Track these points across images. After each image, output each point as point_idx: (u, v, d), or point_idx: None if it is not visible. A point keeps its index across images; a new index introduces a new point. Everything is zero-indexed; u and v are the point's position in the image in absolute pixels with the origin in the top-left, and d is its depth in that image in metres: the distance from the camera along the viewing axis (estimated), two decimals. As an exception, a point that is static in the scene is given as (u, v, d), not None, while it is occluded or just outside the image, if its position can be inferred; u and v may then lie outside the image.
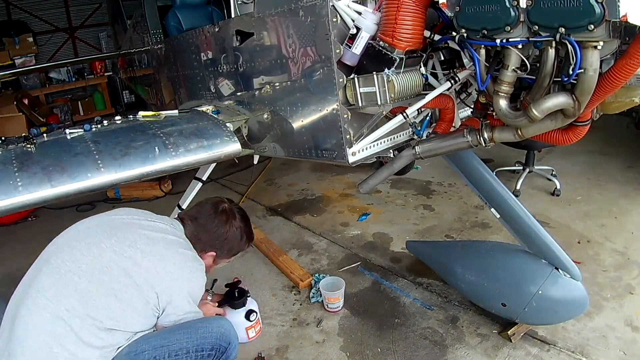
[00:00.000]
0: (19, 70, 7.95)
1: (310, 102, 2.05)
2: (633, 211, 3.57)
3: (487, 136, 1.81)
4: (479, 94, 1.80)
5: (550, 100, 1.48)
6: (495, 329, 2.41)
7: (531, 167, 4.12)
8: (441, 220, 3.71)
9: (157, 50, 3.65)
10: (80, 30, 9.42)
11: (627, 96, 1.58)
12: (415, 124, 2.10)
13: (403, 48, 1.68)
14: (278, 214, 4.13)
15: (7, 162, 1.86)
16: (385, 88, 1.72)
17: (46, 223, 4.32)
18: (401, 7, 1.61)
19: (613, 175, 4.22)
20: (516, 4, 1.36)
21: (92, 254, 1.68)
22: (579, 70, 1.35)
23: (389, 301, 2.74)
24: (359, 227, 3.70)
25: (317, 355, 2.36)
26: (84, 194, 1.90)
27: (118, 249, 1.70)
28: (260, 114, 2.37)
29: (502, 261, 2.40)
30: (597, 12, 1.22)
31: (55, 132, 2.18)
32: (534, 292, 2.19)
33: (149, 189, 4.76)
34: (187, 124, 2.29)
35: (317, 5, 1.82)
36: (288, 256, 3.27)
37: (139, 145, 2.03)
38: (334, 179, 4.80)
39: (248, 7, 2.27)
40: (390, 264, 3.14)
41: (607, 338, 2.31)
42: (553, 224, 3.44)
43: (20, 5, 8.66)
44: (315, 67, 1.95)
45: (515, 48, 1.47)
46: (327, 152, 2.08)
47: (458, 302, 2.66)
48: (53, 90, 8.83)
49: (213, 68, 2.73)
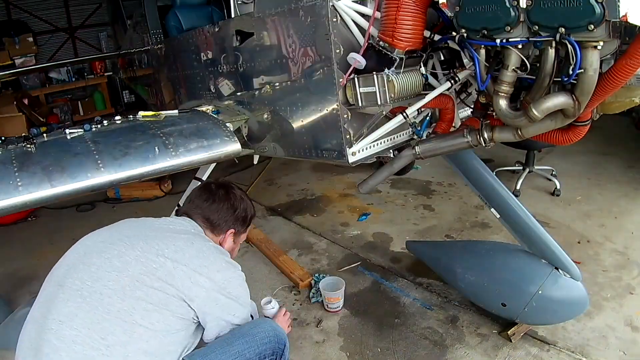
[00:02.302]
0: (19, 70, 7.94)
1: (310, 102, 2.05)
2: (633, 211, 3.57)
3: (487, 136, 1.81)
4: (479, 94, 1.80)
5: (550, 100, 1.48)
6: (495, 329, 2.41)
7: (531, 167, 4.12)
8: (441, 220, 3.71)
9: (157, 50, 3.66)
10: (80, 30, 9.41)
11: (627, 96, 1.58)
12: (415, 124, 2.10)
13: (403, 48, 1.68)
14: (278, 214, 4.12)
15: (7, 162, 1.86)
16: (385, 88, 1.72)
17: (46, 223, 4.32)
18: (401, 7, 1.61)
19: (613, 175, 4.22)
20: (516, 4, 1.36)
21: (117, 269, 1.46)
22: (579, 70, 1.35)
23: (389, 301, 2.74)
24: (359, 227, 3.70)
25: (317, 355, 2.36)
26: (84, 194, 1.90)
27: (144, 259, 1.49)
28: (260, 114, 2.37)
29: (502, 261, 2.40)
30: (597, 12, 1.22)
31: (55, 132, 2.18)
32: (533, 292, 2.19)
33: (149, 189, 4.76)
34: (187, 124, 2.30)
35: (317, 5, 1.82)
36: (288, 256, 3.26)
37: (139, 145, 2.03)
38: (334, 179, 4.80)
39: (248, 7, 2.27)
40: (390, 264, 3.14)
41: (607, 338, 2.31)
42: (553, 224, 3.44)
43: (20, 5, 8.65)
44: (315, 67, 1.95)
45: (515, 48, 1.47)
46: (327, 152, 2.08)
47: (458, 302, 2.66)
48: (53, 90, 8.82)
49: (213, 68, 2.73)
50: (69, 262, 1.53)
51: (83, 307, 1.39)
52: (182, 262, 1.52)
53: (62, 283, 1.45)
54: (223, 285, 1.58)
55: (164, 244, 1.55)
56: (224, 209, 1.85)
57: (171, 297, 1.47)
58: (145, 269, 1.47)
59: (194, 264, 1.54)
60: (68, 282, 1.45)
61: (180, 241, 1.60)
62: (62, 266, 1.54)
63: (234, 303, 1.62)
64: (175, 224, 1.73)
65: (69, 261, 1.54)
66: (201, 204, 1.84)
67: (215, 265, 1.60)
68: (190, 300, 1.50)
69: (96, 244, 1.57)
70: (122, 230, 1.64)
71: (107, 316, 1.38)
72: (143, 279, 1.45)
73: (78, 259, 1.53)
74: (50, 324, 1.37)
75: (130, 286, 1.43)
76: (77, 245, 1.61)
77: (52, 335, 1.35)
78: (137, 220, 1.74)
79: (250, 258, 3.29)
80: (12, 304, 2.85)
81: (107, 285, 1.42)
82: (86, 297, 1.40)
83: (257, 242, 3.45)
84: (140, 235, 1.59)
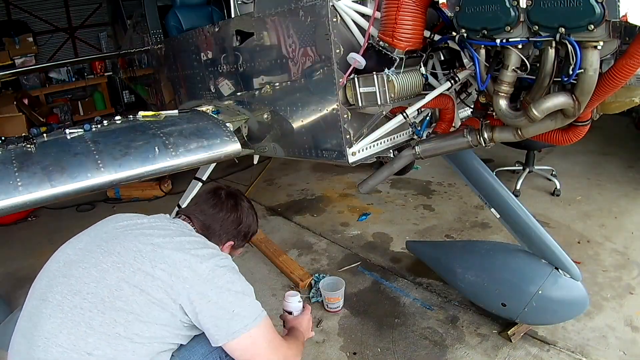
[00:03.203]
0: (19, 70, 7.95)
1: (310, 102, 2.05)
2: (633, 211, 3.57)
3: (487, 136, 1.81)
4: (479, 94, 1.80)
5: (550, 100, 1.47)
6: (495, 329, 2.41)
7: (531, 167, 4.12)
8: (441, 220, 3.71)
9: (157, 50, 3.65)
10: (80, 30, 9.42)
11: (627, 96, 1.58)
12: (415, 124, 2.10)
13: (403, 48, 1.68)
14: (278, 214, 4.13)
15: (7, 162, 1.86)
16: (385, 88, 1.72)
17: (46, 223, 4.32)
18: (401, 7, 1.61)
19: (613, 175, 4.22)
20: (516, 4, 1.36)
21: (94, 279, 1.39)
22: (579, 70, 1.35)
23: (389, 301, 2.74)
24: (359, 227, 3.70)
25: (317, 355, 2.36)
26: (84, 194, 1.90)
27: (122, 264, 1.41)
28: (260, 114, 2.36)
29: (502, 261, 2.40)
30: (597, 12, 1.22)
31: (55, 132, 2.18)
32: (533, 292, 2.19)
33: (149, 189, 4.76)
34: (187, 124, 2.29)
35: (317, 5, 1.82)
36: (288, 256, 3.27)
37: (139, 145, 2.03)
38: (334, 179, 4.80)
39: (248, 7, 2.27)
40: (390, 264, 3.14)
41: (607, 338, 2.31)
42: (553, 224, 3.44)
43: (20, 5, 8.66)
44: (315, 67, 1.95)
45: (515, 48, 1.47)
46: (327, 152, 2.08)
47: (458, 302, 2.66)
48: (53, 90, 8.82)
49: (213, 68, 2.73)
50: (50, 274, 1.47)
51: (66, 324, 1.34)
52: (160, 259, 1.42)
53: (45, 297, 1.40)
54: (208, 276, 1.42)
55: (142, 244, 1.46)
56: (229, 221, 1.76)
57: (152, 304, 1.37)
58: (122, 274, 1.39)
59: (173, 259, 1.42)
60: (49, 296, 1.40)
61: (159, 238, 1.49)
62: (43, 278, 1.48)
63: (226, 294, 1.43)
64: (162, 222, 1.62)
65: (49, 273, 1.48)
66: (207, 209, 1.75)
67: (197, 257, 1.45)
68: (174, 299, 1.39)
69: (76, 252, 1.50)
70: (101, 235, 1.55)
71: (90, 331, 1.33)
72: (122, 286, 1.37)
73: (58, 269, 1.47)
74: (37, 341, 1.33)
75: (109, 297, 1.36)
76: (58, 253, 1.54)
77: (40, 352, 1.32)
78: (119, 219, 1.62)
79: (250, 258, 3.29)
80: (12, 304, 2.85)
81: (86, 299, 1.36)
82: (67, 313, 1.35)
83: (257, 242, 3.45)
84: (118, 238, 1.50)
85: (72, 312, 1.35)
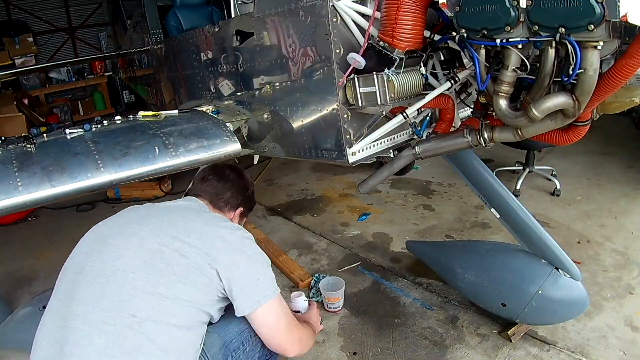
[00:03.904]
0: (19, 70, 7.95)
1: (310, 102, 2.05)
2: (633, 211, 3.57)
3: (487, 136, 1.81)
4: (479, 94, 1.80)
5: (550, 100, 1.47)
6: (495, 329, 2.41)
7: (531, 167, 4.12)
8: (441, 220, 3.71)
9: (157, 50, 3.66)
10: (80, 30, 9.42)
11: (627, 96, 1.58)
12: (415, 124, 2.10)
13: (403, 48, 1.68)
14: (278, 214, 4.13)
15: (7, 162, 1.85)
16: (385, 88, 1.72)
17: (46, 223, 4.32)
18: (401, 7, 1.61)
19: (613, 175, 4.22)
20: (516, 4, 1.36)
21: (135, 245, 1.44)
22: (579, 70, 1.35)
23: (389, 301, 2.74)
24: (359, 227, 3.70)
25: (317, 355, 2.36)
26: (84, 194, 1.89)
27: (159, 232, 1.48)
28: (260, 114, 2.36)
29: (502, 261, 2.40)
30: (597, 12, 1.22)
31: (55, 132, 2.18)
32: (533, 292, 2.18)
33: (149, 189, 4.76)
34: (187, 124, 2.29)
35: (317, 5, 1.82)
36: (288, 256, 3.27)
37: (139, 145, 2.03)
38: (334, 179, 4.80)
39: (248, 7, 2.27)
40: (390, 264, 3.14)
41: (607, 338, 2.31)
42: (553, 224, 3.44)
43: (20, 5, 8.66)
44: (315, 67, 1.95)
45: (515, 48, 1.46)
46: (327, 152, 2.08)
47: (458, 302, 2.66)
48: (53, 90, 8.83)
49: (213, 68, 2.73)
50: (83, 251, 1.50)
51: (108, 288, 1.35)
52: (193, 230, 1.51)
53: (81, 269, 1.41)
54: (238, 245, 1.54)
55: (174, 217, 1.56)
56: (238, 187, 1.91)
57: (192, 267, 1.43)
58: (161, 240, 1.45)
59: (205, 230, 1.53)
60: (87, 266, 1.41)
61: (188, 213, 1.62)
62: (76, 255, 1.50)
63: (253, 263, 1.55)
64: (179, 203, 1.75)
65: (83, 250, 1.51)
66: (215, 183, 1.86)
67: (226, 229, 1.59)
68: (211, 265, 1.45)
69: (109, 229, 1.56)
70: (129, 216, 1.63)
71: (134, 292, 1.35)
72: (162, 250, 1.43)
73: (92, 245, 1.50)
74: (75, 310, 1.31)
75: (151, 259, 1.41)
76: (87, 236, 1.58)
77: (78, 321, 1.30)
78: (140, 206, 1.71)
79: (250, 258, 3.29)
80: (12, 304, 2.85)
81: (129, 262, 1.40)
82: (110, 277, 1.37)
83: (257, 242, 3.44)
84: (148, 214, 1.60)
85: (115, 276, 1.37)
